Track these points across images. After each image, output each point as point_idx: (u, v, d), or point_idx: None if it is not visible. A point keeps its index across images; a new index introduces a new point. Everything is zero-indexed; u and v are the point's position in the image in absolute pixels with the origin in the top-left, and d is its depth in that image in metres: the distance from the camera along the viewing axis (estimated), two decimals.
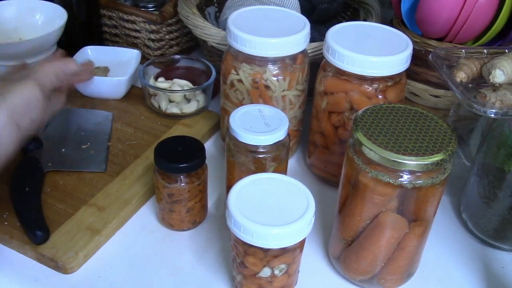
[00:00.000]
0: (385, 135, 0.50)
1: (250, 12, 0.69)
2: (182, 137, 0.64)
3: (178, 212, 0.62)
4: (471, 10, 0.68)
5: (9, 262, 0.59)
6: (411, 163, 0.48)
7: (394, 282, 0.57)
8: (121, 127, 0.78)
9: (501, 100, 0.57)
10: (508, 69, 0.59)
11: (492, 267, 0.62)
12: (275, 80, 0.66)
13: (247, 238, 0.48)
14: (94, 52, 0.88)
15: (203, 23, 0.79)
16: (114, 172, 0.70)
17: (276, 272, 0.51)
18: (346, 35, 0.64)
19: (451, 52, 0.66)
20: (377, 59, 0.60)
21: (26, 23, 0.88)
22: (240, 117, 0.59)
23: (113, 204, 0.65)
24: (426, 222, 0.53)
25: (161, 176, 0.61)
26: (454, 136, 0.51)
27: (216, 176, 0.72)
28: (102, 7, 0.94)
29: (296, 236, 0.49)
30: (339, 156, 0.68)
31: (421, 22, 0.74)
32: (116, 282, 0.58)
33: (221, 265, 0.60)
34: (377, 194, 0.50)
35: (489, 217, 0.62)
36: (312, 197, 0.51)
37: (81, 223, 0.62)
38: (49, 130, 0.76)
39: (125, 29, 0.94)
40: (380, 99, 0.63)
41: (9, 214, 0.62)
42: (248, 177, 0.53)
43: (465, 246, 0.65)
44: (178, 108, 0.79)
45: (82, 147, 0.73)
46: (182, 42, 0.98)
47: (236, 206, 0.49)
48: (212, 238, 0.64)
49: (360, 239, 0.55)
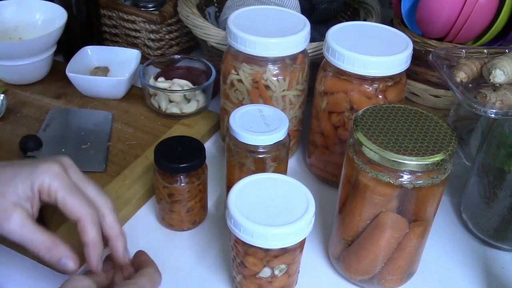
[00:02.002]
0: (385, 135, 0.50)
1: (250, 12, 0.69)
2: (182, 137, 0.64)
3: (178, 212, 0.62)
4: (471, 10, 0.68)
5: (9, 262, 0.59)
6: (411, 163, 0.48)
7: (394, 282, 0.57)
8: (121, 127, 0.78)
9: (501, 100, 0.57)
10: (508, 69, 0.59)
11: (492, 267, 0.62)
12: (275, 80, 0.66)
13: (247, 238, 0.48)
14: (94, 52, 0.88)
15: (203, 23, 0.79)
16: (114, 172, 0.70)
17: (276, 272, 0.51)
18: (346, 35, 0.64)
19: (451, 52, 0.66)
20: (377, 59, 0.60)
21: (26, 23, 0.88)
22: (240, 117, 0.59)
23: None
24: (426, 222, 0.53)
25: (161, 176, 0.61)
26: (454, 136, 0.51)
27: (216, 176, 0.72)
28: (102, 7, 0.94)
29: (296, 236, 0.49)
30: (339, 156, 0.68)
31: (421, 22, 0.74)
32: None
33: (221, 265, 0.60)
34: (377, 194, 0.50)
35: (489, 217, 0.62)
36: (312, 197, 0.51)
37: None
38: (49, 130, 0.76)
39: (125, 29, 0.94)
40: (380, 99, 0.63)
41: None
42: (248, 177, 0.53)
43: (465, 246, 0.65)
44: (178, 108, 0.79)
45: (82, 147, 0.73)
46: (182, 42, 0.98)
47: (236, 206, 0.49)
48: (212, 238, 0.64)
49: (360, 239, 0.55)
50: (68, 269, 0.47)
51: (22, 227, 0.45)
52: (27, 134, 0.71)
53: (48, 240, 0.46)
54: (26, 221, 0.46)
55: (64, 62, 0.90)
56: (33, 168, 0.47)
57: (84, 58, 0.86)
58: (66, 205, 0.47)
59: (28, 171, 0.47)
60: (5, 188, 0.46)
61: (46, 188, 0.47)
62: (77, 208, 0.47)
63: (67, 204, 0.47)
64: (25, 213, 0.46)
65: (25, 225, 0.45)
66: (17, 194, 0.46)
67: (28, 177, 0.46)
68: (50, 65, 0.87)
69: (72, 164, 0.50)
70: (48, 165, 0.47)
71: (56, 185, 0.47)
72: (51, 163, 0.47)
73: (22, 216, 0.45)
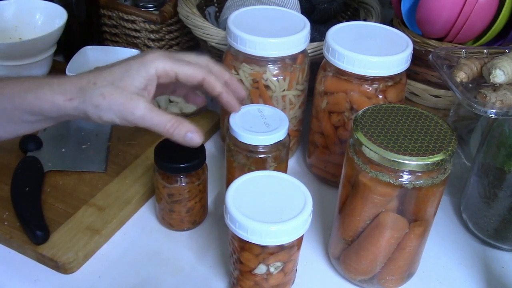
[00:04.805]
0: (385, 135, 0.50)
1: (250, 12, 0.69)
2: None
3: (178, 212, 0.62)
4: (471, 10, 0.68)
5: (9, 262, 0.59)
6: (411, 163, 0.48)
7: (394, 282, 0.57)
8: (121, 127, 0.77)
9: (501, 100, 0.57)
10: (508, 69, 0.59)
11: (492, 267, 0.62)
12: (275, 80, 0.66)
13: (243, 234, 0.48)
14: (94, 52, 0.87)
15: (203, 23, 0.79)
16: (114, 172, 0.70)
17: (272, 270, 0.51)
18: (346, 35, 0.64)
19: (451, 52, 0.66)
20: (377, 59, 0.60)
21: (26, 23, 0.88)
22: (240, 117, 0.59)
23: (113, 204, 0.65)
24: (426, 222, 0.53)
25: (161, 176, 0.61)
26: (454, 136, 0.51)
27: (216, 176, 0.72)
28: (102, 7, 0.94)
29: (292, 234, 0.49)
30: (339, 156, 0.68)
31: (421, 22, 0.74)
32: (116, 282, 0.58)
33: (221, 265, 0.60)
34: (377, 194, 0.50)
35: (489, 217, 0.62)
36: (310, 195, 0.51)
37: (81, 223, 0.62)
38: (49, 130, 0.75)
39: (125, 29, 0.94)
40: (380, 99, 0.63)
41: (9, 214, 0.62)
42: (247, 175, 0.53)
43: (465, 246, 0.65)
44: (178, 108, 0.79)
45: (82, 147, 0.73)
46: (182, 42, 0.98)
47: (233, 202, 0.50)
48: (212, 238, 0.64)
49: (360, 239, 0.55)
50: (194, 142, 0.52)
51: (150, 111, 0.50)
52: (27, 134, 0.71)
53: (173, 119, 0.51)
54: (150, 105, 0.50)
55: (64, 62, 0.90)
56: (142, 61, 0.52)
57: (84, 58, 0.86)
58: (187, 75, 0.53)
59: (138, 65, 0.51)
60: (123, 83, 0.50)
61: (162, 71, 0.52)
62: (197, 72, 0.53)
63: (187, 73, 0.53)
64: (147, 100, 0.51)
65: (151, 108, 0.50)
66: (135, 86, 0.51)
67: (140, 69, 0.51)
68: (50, 65, 0.87)
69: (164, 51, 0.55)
70: (152, 54, 0.52)
71: (170, 65, 0.52)
72: (153, 52, 0.53)
73: (146, 102, 0.50)
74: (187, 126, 0.51)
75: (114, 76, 0.51)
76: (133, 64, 0.52)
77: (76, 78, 0.51)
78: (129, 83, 0.51)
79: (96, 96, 0.50)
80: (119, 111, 0.50)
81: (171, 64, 0.52)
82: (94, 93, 0.50)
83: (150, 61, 0.51)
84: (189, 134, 0.51)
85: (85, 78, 0.51)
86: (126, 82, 0.51)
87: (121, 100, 0.50)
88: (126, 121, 0.51)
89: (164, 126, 0.51)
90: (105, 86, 0.50)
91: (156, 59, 0.52)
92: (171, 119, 0.51)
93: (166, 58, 0.52)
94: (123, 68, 0.52)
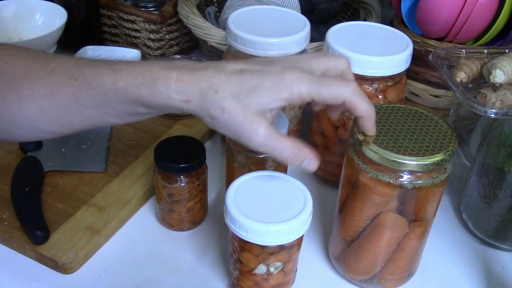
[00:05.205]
0: (385, 135, 0.50)
1: (250, 12, 0.69)
2: (182, 137, 0.64)
3: (178, 212, 0.62)
4: (471, 10, 0.68)
5: (9, 262, 0.59)
6: (411, 163, 0.48)
7: (394, 282, 0.57)
8: (121, 127, 0.78)
9: (501, 100, 0.57)
10: (508, 69, 0.59)
11: (492, 267, 0.62)
12: None
13: (242, 234, 0.48)
14: (94, 52, 0.87)
15: (203, 23, 0.79)
16: (114, 172, 0.70)
17: (272, 270, 0.51)
18: (346, 35, 0.64)
19: (451, 52, 0.66)
20: (377, 59, 0.60)
21: (26, 23, 0.88)
22: None
23: (113, 204, 0.65)
24: (426, 222, 0.53)
25: (161, 176, 0.61)
26: (454, 136, 0.51)
27: (216, 176, 0.72)
28: (102, 7, 0.94)
29: (291, 234, 0.49)
30: (339, 156, 0.68)
31: (421, 22, 0.74)
32: (116, 282, 0.58)
33: (221, 265, 0.60)
34: (377, 194, 0.50)
35: (489, 217, 0.62)
36: (310, 195, 0.51)
37: (81, 223, 0.62)
38: None
39: (125, 29, 0.94)
40: (380, 99, 0.63)
41: (9, 214, 0.62)
42: (247, 174, 0.53)
43: (465, 246, 0.65)
44: None
45: (82, 147, 0.73)
46: (182, 42, 0.98)
47: (233, 202, 0.50)
48: (212, 238, 0.64)
49: (360, 239, 0.55)
50: (310, 168, 0.49)
51: (270, 137, 0.46)
52: None
53: (293, 146, 0.47)
54: (271, 131, 0.46)
55: None
56: (279, 80, 0.45)
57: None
58: (325, 99, 0.47)
59: (271, 83, 0.45)
60: (249, 100, 0.45)
61: (298, 95, 0.45)
62: (334, 94, 0.46)
63: (324, 97, 0.46)
64: (268, 123, 0.46)
65: (270, 134, 0.46)
66: (261, 105, 0.45)
67: (272, 89, 0.45)
68: None
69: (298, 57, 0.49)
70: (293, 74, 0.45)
71: (306, 88, 0.45)
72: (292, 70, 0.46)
73: (267, 127, 0.45)
74: (305, 154, 0.47)
75: (241, 88, 0.45)
76: (266, 81, 0.45)
77: (197, 77, 0.45)
78: (255, 101, 0.45)
79: (215, 107, 0.45)
80: (236, 132, 0.46)
81: (307, 88, 0.45)
82: (214, 103, 0.45)
83: (291, 81, 0.45)
84: (306, 161, 0.48)
85: (207, 79, 0.45)
86: (252, 99, 0.45)
87: (241, 121, 0.45)
88: (241, 142, 0.47)
89: (281, 154, 0.47)
90: (227, 98, 0.44)
91: (300, 81, 0.45)
92: (290, 147, 0.46)
93: (302, 81, 0.45)
94: (254, 81, 0.45)
